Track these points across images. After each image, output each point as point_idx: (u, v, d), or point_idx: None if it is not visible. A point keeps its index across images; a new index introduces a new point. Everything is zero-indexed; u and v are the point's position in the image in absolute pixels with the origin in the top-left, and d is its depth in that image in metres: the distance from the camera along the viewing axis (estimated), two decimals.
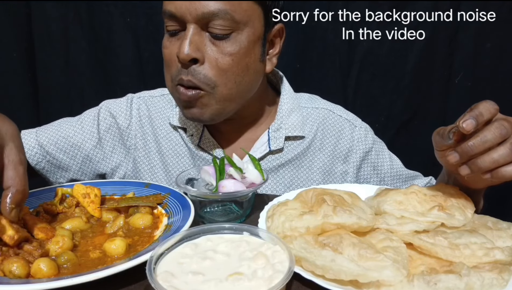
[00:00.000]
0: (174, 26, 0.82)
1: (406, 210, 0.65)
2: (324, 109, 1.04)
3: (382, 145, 1.06)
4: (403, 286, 0.51)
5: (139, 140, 1.02)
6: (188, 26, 0.80)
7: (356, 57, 1.76)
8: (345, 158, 1.01)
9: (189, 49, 0.79)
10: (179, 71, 0.83)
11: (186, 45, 0.79)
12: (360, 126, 1.03)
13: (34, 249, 0.59)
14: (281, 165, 0.98)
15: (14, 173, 0.58)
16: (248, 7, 0.81)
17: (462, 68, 1.73)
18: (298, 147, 0.98)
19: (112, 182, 0.87)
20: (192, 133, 0.98)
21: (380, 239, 0.59)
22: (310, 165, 0.99)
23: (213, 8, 0.78)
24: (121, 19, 1.69)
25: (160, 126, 1.02)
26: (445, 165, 0.74)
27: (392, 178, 1.04)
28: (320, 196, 0.67)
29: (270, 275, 0.50)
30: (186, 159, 1.00)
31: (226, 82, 0.83)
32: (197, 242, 0.58)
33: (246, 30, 0.82)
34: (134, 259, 0.55)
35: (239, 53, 0.82)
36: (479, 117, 0.58)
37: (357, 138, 1.01)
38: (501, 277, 0.52)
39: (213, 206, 0.77)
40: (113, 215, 0.73)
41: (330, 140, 1.01)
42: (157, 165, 1.01)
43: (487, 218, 0.68)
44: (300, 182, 0.99)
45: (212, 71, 0.82)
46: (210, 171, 0.77)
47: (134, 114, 1.03)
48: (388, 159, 1.05)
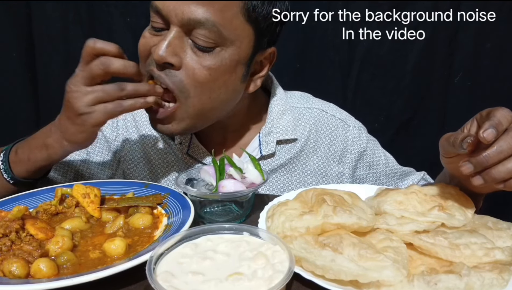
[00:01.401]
0: (158, 24, 0.78)
1: (406, 210, 0.65)
2: (317, 109, 1.01)
3: (376, 144, 1.05)
4: (403, 286, 0.51)
5: (126, 152, 1.00)
6: (171, 27, 0.76)
7: (356, 57, 1.76)
8: (340, 159, 0.99)
9: (165, 52, 0.74)
10: (149, 63, 0.79)
11: (163, 46, 0.74)
12: (354, 126, 1.02)
13: (34, 249, 0.59)
14: (274, 170, 0.96)
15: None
16: (239, 25, 0.77)
17: (462, 68, 1.73)
18: (290, 151, 0.97)
19: (112, 182, 0.87)
20: (180, 141, 0.96)
21: (380, 239, 0.59)
22: (304, 168, 0.98)
23: (201, 16, 0.73)
24: (121, 19, 1.69)
25: (147, 135, 1.00)
26: (453, 171, 0.73)
27: (387, 176, 1.04)
28: (320, 196, 0.67)
29: (270, 275, 0.50)
30: (175, 168, 0.98)
31: (201, 95, 0.79)
32: (197, 242, 0.58)
33: (232, 48, 0.78)
34: (134, 259, 0.55)
35: (219, 70, 0.78)
36: (499, 126, 0.56)
37: (351, 138, 1.00)
38: (501, 277, 0.52)
39: (213, 206, 0.77)
40: (113, 215, 0.73)
41: (324, 141, 0.99)
42: (147, 176, 0.99)
43: (487, 218, 0.68)
44: (294, 186, 0.97)
45: (187, 80, 0.77)
46: (210, 171, 0.77)
47: (120, 125, 1.01)
48: (383, 158, 1.04)
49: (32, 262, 0.56)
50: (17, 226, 0.63)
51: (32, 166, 0.81)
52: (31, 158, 0.80)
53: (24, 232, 0.63)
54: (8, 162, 0.81)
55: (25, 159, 0.80)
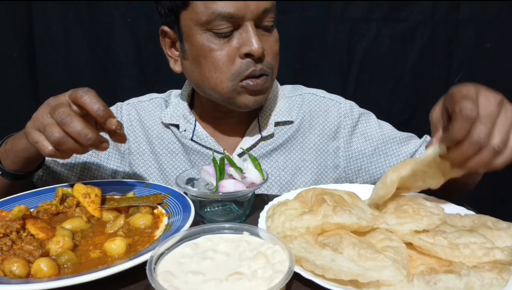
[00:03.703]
0: (227, 28, 0.84)
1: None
2: (308, 93, 1.07)
3: (369, 115, 1.07)
4: (403, 286, 0.51)
5: (132, 144, 1.03)
6: (245, 24, 0.84)
7: (356, 57, 1.76)
8: (335, 134, 1.03)
9: (260, 44, 0.84)
10: (246, 65, 0.86)
11: (257, 41, 0.83)
12: (345, 103, 1.06)
13: (35, 249, 0.59)
14: (273, 150, 1.00)
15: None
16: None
17: (462, 68, 1.73)
18: (288, 131, 1.01)
19: (112, 182, 0.87)
20: (185, 128, 1.00)
21: (380, 239, 0.59)
22: (302, 146, 1.02)
23: (268, 4, 0.85)
24: (121, 19, 1.69)
25: (151, 127, 1.04)
26: None
27: (385, 144, 1.03)
28: (320, 196, 0.67)
29: (270, 275, 0.50)
30: (180, 156, 1.02)
31: (277, 65, 0.93)
32: (197, 242, 0.58)
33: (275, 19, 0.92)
34: (134, 259, 0.55)
35: (279, 40, 0.92)
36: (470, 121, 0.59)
37: (343, 113, 1.03)
38: (501, 277, 0.52)
39: (213, 206, 0.77)
40: (113, 215, 0.73)
41: (318, 120, 1.03)
42: (152, 166, 1.02)
43: (487, 218, 0.68)
44: (293, 163, 1.01)
45: (269, 57, 0.89)
46: (210, 171, 0.77)
47: (125, 119, 1.05)
48: (377, 126, 1.05)
49: (33, 262, 0.56)
50: (17, 226, 0.63)
51: (15, 156, 0.80)
52: (14, 147, 0.80)
53: (24, 232, 0.64)
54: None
55: (9, 148, 0.81)
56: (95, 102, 0.68)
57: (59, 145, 0.67)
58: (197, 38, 0.85)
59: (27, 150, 0.79)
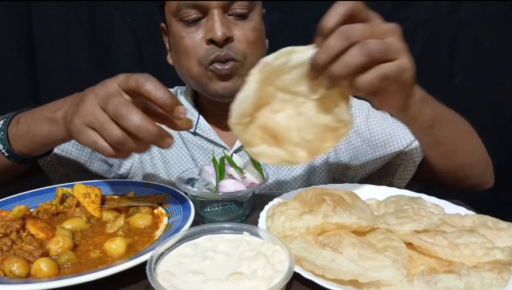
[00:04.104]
0: (193, 15, 0.87)
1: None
2: None
3: (365, 105, 1.06)
4: (403, 286, 0.51)
5: None
6: (211, 11, 0.86)
7: None
8: None
9: (223, 29, 0.85)
10: (211, 51, 0.88)
11: (219, 26, 0.85)
12: None
13: (35, 249, 0.59)
14: None
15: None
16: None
17: (462, 68, 1.73)
18: None
19: (112, 182, 0.87)
20: None
21: (380, 239, 0.59)
22: None
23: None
24: (121, 19, 1.69)
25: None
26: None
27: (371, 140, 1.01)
28: (320, 196, 0.67)
29: (270, 275, 0.50)
30: (184, 149, 1.04)
31: (254, 53, 0.92)
32: (197, 242, 0.58)
33: (257, 8, 0.93)
34: (134, 259, 0.55)
35: (258, 29, 0.93)
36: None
37: None
38: (501, 277, 0.52)
39: (213, 206, 0.77)
40: (113, 215, 0.73)
41: None
42: (156, 157, 1.05)
43: (486, 217, 0.68)
44: None
45: (242, 45, 0.90)
46: (210, 171, 0.77)
47: None
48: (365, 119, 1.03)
49: (33, 262, 0.56)
50: (17, 226, 0.63)
51: (30, 141, 0.75)
52: (31, 131, 0.74)
53: (24, 232, 0.64)
54: (6, 132, 0.76)
55: (23, 131, 0.75)
56: (159, 89, 0.59)
57: (119, 145, 0.59)
58: (173, 28, 0.92)
59: (48, 137, 0.73)
